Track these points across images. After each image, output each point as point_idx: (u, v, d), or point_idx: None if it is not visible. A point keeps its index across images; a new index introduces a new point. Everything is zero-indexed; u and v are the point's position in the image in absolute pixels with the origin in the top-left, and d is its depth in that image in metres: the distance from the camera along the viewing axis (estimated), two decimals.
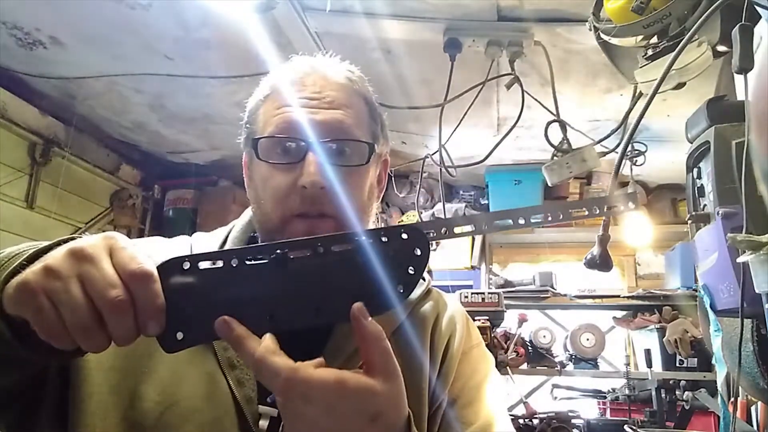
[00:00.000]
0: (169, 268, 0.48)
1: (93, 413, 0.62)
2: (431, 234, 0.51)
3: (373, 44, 2.18)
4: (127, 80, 2.59)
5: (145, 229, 3.75)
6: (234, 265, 0.48)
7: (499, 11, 2.00)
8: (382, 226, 0.51)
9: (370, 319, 0.48)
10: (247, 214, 0.82)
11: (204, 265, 0.48)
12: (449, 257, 3.68)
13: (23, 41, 2.28)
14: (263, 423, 0.64)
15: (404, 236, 0.50)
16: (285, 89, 0.71)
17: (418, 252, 0.50)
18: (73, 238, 0.51)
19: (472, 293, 2.84)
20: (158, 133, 3.22)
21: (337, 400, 0.46)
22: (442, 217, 3.29)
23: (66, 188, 3.04)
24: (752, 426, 1.62)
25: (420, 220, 3.49)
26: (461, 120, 2.31)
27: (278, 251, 0.48)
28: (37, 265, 0.47)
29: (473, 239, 3.68)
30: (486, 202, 3.72)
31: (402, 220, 3.82)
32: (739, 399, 1.52)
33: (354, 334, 0.49)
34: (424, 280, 0.78)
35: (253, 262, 0.49)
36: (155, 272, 0.47)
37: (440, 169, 2.28)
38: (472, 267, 3.67)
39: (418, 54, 2.24)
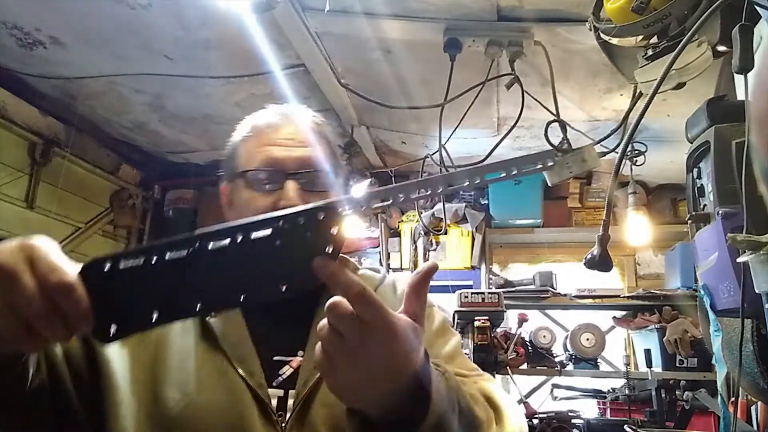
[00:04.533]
0: (91, 270, 0.50)
1: (124, 416, 0.74)
2: (347, 209, 0.53)
3: (373, 44, 2.18)
4: (127, 80, 2.59)
5: (145, 229, 3.75)
6: (153, 262, 0.50)
7: (499, 11, 2.00)
8: (302, 207, 0.53)
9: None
10: None
11: (125, 263, 0.50)
12: (449, 257, 3.68)
13: (23, 41, 2.28)
14: (273, 402, 0.78)
15: (321, 216, 0.52)
16: (265, 131, 0.88)
17: (335, 231, 0.52)
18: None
19: (472, 293, 2.83)
20: (158, 133, 3.22)
21: (396, 331, 0.52)
22: (442, 217, 3.30)
23: (66, 188, 3.04)
24: (752, 426, 1.62)
25: (420, 221, 3.50)
26: (461, 120, 2.31)
27: (197, 244, 0.50)
28: None
29: (473, 240, 3.69)
30: (486, 202, 3.71)
31: (402, 220, 3.83)
32: (739, 399, 1.52)
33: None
34: (378, 272, 0.98)
35: (172, 256, 0.50)
36: (74, 280, 0.49)
37: (440, 169, 2.28)
38: (472, 267, 3.67)
39: (418, 54, 2.24)
